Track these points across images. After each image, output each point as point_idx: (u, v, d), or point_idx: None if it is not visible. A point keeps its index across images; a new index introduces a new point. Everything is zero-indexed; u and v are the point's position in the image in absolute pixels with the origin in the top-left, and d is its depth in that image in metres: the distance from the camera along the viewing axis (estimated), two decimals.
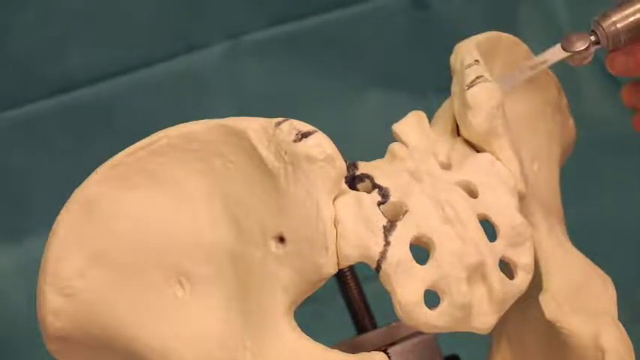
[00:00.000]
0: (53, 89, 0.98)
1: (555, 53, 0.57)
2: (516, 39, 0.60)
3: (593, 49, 0.57)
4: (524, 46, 0.61)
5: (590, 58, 0.57)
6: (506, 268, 0.53)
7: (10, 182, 0.98)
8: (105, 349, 0.52)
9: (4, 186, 0.98)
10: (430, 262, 0.50)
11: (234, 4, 1.00)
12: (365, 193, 0.52)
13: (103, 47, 0.99)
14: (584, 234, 0.63)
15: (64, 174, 0.90)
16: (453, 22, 1.03)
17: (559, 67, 0.58)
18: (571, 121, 0.63)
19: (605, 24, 0.57)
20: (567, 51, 0.57)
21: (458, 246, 0.51)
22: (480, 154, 0.55)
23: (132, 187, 0.52)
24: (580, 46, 0.56)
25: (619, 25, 0.56)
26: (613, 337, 0.54)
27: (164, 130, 0.52)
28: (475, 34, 0.58)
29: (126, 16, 0.99)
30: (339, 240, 0.50)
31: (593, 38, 0.57)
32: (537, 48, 0.61)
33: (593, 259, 0.59)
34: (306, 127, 0.50)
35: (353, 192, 0.51)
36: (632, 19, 0.57)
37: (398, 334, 0.61)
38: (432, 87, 0.98)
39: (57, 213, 0.51)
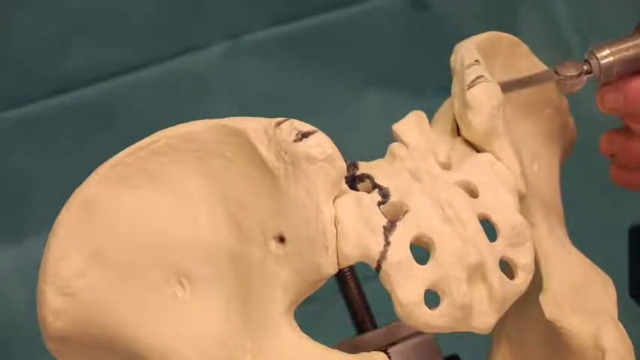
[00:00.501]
0: (53, 89, 0.98)
1: (546, 75, 0.57)
2: (516, 39, 0.60)
3: (584, 77, 0.57)
4: (524, 46, 0.61)
5: (580, 86, 0.57)
6: (507, 268, 0.52)
7: (10, 182, 0.98)
8: (105, 349, 0.52)
9: (4, 186, 0.98)
10: (430, 262, 0.50)
11: (234, 4, 1.00)
12: (365, 193, 0.51)
13: (103, 47, 0.99)
14: (584, 234, 0.63)
15: (64, 174, 0.90)
16: (453, 22, 1.03)
17: None
18: (571, 122, 0.63)
19: (600, 54, 0.57)
20: (558, 74, 0.57)
21: (458, 246, 0.51)
22: (480, 154, 0.55)
23: (132, 187, 0.52)
24: (572, 72, 0.57)
25: (613, 58, 0.57)
26: (613, 337, 0.54)
27: (164, 130, 0.52)
28: (475, 34, 0.58)
29: (126, 16, 0.99)
30: (339, 240, 0.50)
31: (585, 67, 0.57)
32: (537, 48, 0.61)
33: (593, 259, 0.59)
34: (306, 127, 0.50)
35: (353, 192, 0.51)
36: (626, 53, 0.57)
37: (398, 334, 0.61)
38: (432, 87, 0.98)
39: (57, 213, 0.51)
